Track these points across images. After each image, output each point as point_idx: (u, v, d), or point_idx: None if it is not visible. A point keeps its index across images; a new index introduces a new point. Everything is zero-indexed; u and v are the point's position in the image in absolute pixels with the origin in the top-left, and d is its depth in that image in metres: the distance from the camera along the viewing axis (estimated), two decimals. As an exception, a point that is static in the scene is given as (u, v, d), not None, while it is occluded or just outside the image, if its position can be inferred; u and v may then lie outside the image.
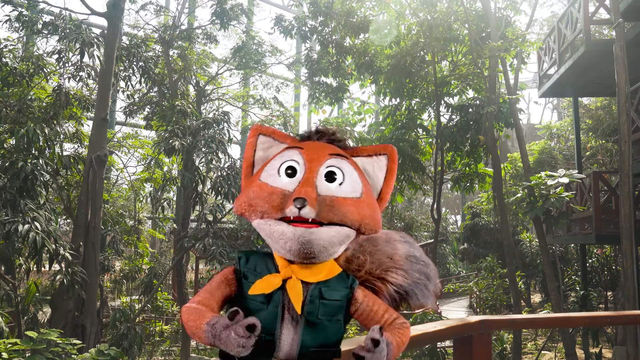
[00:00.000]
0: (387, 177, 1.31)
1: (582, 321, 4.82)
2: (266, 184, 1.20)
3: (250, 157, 1.30)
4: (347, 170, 1.23)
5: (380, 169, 1.30)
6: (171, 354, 12.66)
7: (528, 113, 36.92)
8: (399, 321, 1.23)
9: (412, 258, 1.36)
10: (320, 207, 1.14)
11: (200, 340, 1.10)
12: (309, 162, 1.21)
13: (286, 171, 1.20)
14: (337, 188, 1.19)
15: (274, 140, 1.30)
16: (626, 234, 6.88)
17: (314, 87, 12.52)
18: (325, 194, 1.16)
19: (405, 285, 1.31)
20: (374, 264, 1.32)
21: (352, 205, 1.18)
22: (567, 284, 13.52)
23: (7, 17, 9.38)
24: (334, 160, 1.23)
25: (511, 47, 10.14)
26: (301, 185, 1.16)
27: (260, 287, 1.17)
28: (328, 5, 11.34)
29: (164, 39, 12.31)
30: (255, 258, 1.25)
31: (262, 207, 1.16)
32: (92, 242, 8.51)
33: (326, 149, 1.26)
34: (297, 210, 1.12)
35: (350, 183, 1.21)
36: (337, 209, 1.15)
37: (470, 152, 11.26)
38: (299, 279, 1.18)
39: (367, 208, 1.21)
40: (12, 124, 8.52)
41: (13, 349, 5.59)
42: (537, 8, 18.27)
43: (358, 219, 1.17)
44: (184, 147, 9.17)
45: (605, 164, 14.99)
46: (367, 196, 1.24)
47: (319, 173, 1.19)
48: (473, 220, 20.16)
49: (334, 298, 1.20)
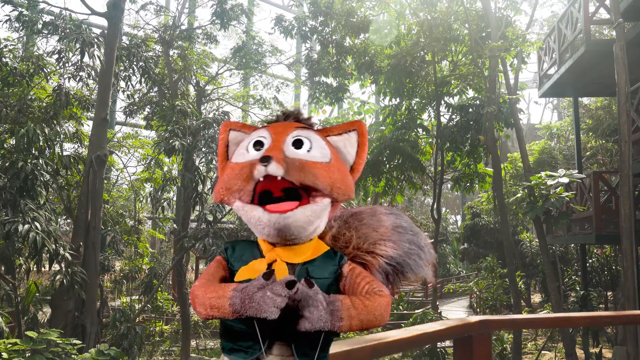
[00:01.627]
0: (359, 150, 1.31)
1: (582, 321, 4.82)
2: (237, 162, 1.21)
3: (224, 153, 1.32)
4: (313, 138, 1.24)
5: (351, 145, 1.31)
6: (171, 354, 12.66)
7: (528, 113, 36.95)
8: (375, 290, 1.16)
9: (400, 228, 1.35)
10: (289, 167, 1.14)
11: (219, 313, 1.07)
12: (276, 135, 1.22)
13: (254, 146, 1.22)
14: (305, 154, 1.19)
15: (244, 134, 1.32)
16: (626, 234, 6.88)
17: (314, 87, 12.52)
18: (294, 157, 1.17)
19: (395, 256, 1.30)
20: (360, 239, 1.31)
21: (322, 168, 1.18)
22: (567, 284, 13.53)
23: (7, 17, 9.37)
24: (300, 130, 1.24)
25: (511, 47, 10.14)
26: (267, 150, 1.17)
27: (246, 274, 1.17)
28: (328, 5, 11.34)
29: (164, 39, 12.31)
30: (241, 246, 1.26)
31: (236, 184, 1.17)
32: (92, 242, 8.51)
33: (292, 124, 1.28)
34: (263, 168, 1.12)
35: (319, 149, 1.22)
36: (307, 170, 1.15)
37: (470, 152, 11.27)
38: (283, 261, 1.18)
39: (337, 172, 1.21)
40: (12, 124, 8.52)
41: (13, 349, 5.59)
42: (537, 8, 18.29)
43: (329, 182, 1.17)
44: (184, 147, 9.17)
45: (605, 164, 14.99)
46: (337, 161, 1.24)
47: (285, 142, 1.20)
48: (473, 220, 20.16)
49: (322, 276, 1.19)
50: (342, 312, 1.05)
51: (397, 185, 12.22)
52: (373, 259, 1.29)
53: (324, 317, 1.03)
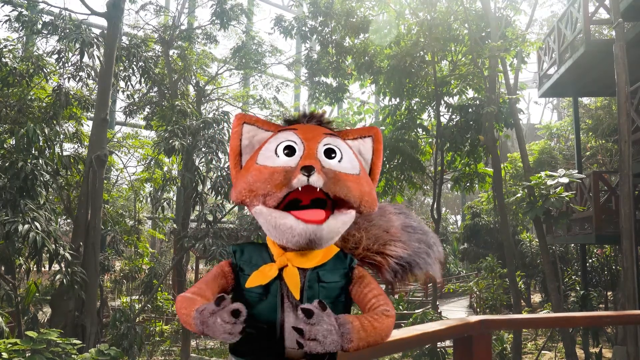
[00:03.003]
0: (374, 158, 1.31)
1: (582, 321, 4.82)
2: (265, 166, 1.17)
3: (237, 147, 1.27)
4: (343, 148, 1.23)
5: (366, 150, 1.31)
6: (171, 354, 12.65)
7: (528, 113, 36.94)
8: (381, 308, 1.17)
9: (409, 228, 1.35)
10: (327, 178, 1.12)
11: (191, 329, 1.09)
12: (307, 141, 1.19)
13: (284, 151, 1.18)
14: (337, 164, 1.18)
15: (258, 128, 1.28)
16: (626, 234, 6.88)
17: (314, 87, 12.52)
18: (328, 167, 1.15)
19: (405, 256, 1.30)
20: (370, 240, 1.31)
21: (353, 181, 1.17)
22: (567, 284, 13.53)
23: (7, 17, 9.37)
24: (330, 138, 1.22)
25: (511, 47, 10.13)
26: (304, 158, 1.14)
27: (257, 279, 1.16)
28: (328, 5, 11.34)
29: (163, 39, 12.31)
30: (249, 250, 1.24)
31: (264, 189, 1.13)
32: (92, 242, 8.52)
33: (320, 129, 1.25)
34: (305, 178, 1.09)
35: (349, 160, 1.21)
36: (342, 183, 1.14)
37: (470, 152, 11.26)
38: (295, 266, 1.17)
39: (366, 185, 1.21)
40: (12, 124, 8.52)
41: (13, 349, 5.60)
42: (537, 8, 18.28)
43: (359, 196, 1.17)
44: (184, 147, 9.17)
45: (605, 164, 14.98)
46: (364, 174, 1.24)
47: (318, 150, 1.18)
48: (473, 220, 20.16)
49: (333, 280, 1.19)
50: (352, 335, 1.05)
51: (397, 185, 12.22)
52: (383, 260, 1.29)
53: (336, 341, 1.03)
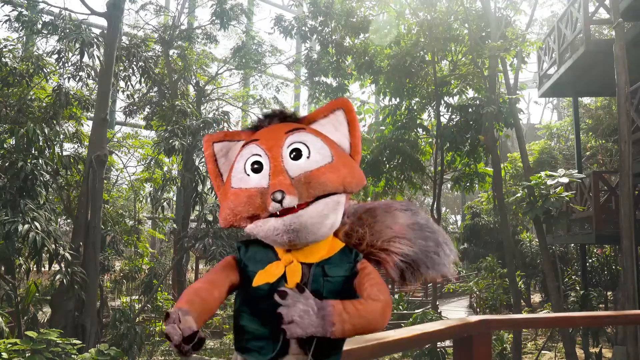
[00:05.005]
0: (351, 129, 1.28)
1: (582, 321, 4.82)
2: (240, 188, 1.18)
3: (214, 170, 1.29)
4: (309, 140, 1.21)
5: (340, 124, 1.28)
6: (171, 354, 12.64)
7: (528, 113, 36.87)
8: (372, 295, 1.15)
9: (416, 226, 1.32)
10: (299, 189, 1.12)
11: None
12: (269, 150, 1.19)
13: (252, 167, 1.18)
14: (306, 162, 1.17)
15: (229, 142, 1.29)
16: (626, 234, 6.88)
17: (314, 87, 12.52)
18: (298, 173, 1.15)
19: (410, 254, 1.27)
20: (374, 236, 1.29)
21: (327, 172, 1.16)
22: (567, 284, 13.52)
23: (7, 17, 9.37)
24: (293, 136, 1.21)
25: (511, 47, 10.13)
26: (272, 177, 1.14)
27: (263, 278, 1.17)
28: (328, 5, 11.34)
29: (163, 39, 12.31)
30: (254, 247, 1.24)
31: (247, 212, 1.15)
32: (92, 242, 8.51)
33: (281, 129, 1.23)
34: (278, 204, 1.11)
35: (317, 151, 1.19)
36: (315, 182, 1.14)
37: (470, 152, 11.25)
38: (299, 261, 1.17)
39: (343, 167, 1.20)
40: (12, 124, 8.51)
41: (13, 349, 5.60)
42: (537, 8, 18.29)
43: (339, 182, 1.16)
44: (184, 147, 9.17)
45: (605, 164, 14.97)
46: (339, 157, 1.22)
47: (283, 156, 1.17)
48: (473, 220, 20.16)
49: (338, 274, 1.19)
50: (333, 317, 1.05)
51: (397, 185, 12.21)
52: (387, 256, 1.27)
53: (315, 322, 1.03)
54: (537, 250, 15.33)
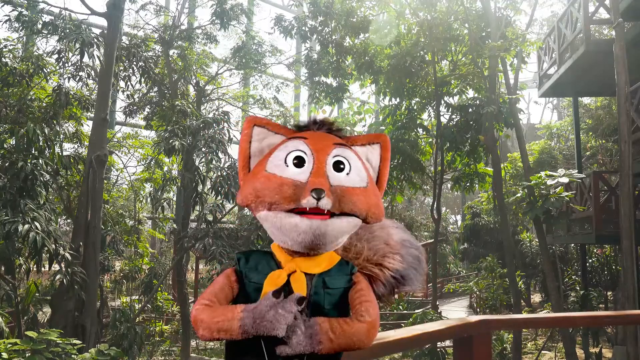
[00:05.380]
0: (382, 165, 1.32)
1: (582, 321, 4.82)
2: (274, 174, 1.17)
3: (247, 149, 1.27)
4: (352, 159, 1.23)
5: (374, 157, 1.32)
6: (171, 354, 12.65)
7: (528, 113, 36.87)
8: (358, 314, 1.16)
9: (407, 242, 1.37)
10: (334, 199, 1.14)
11: (226, 335, 1.09)
12: (316, 152, 1.19)
13: (293, 161, 1.19)
14: (345, 178, 1.18)
15: (268, 131, 1.28)
16: (626, 234, 6.88)
17: (314, 87, 12.51)
18: (335, 184, 1.16)
19: (401, 270, 1.32)
20: (371, 251, 1.32)
21: (360, 194, 1.18)
22: (567, 284, 13.53)
23: (7, 17, 9.37)
24: (339, 149, 1.23)
25: (511, 47, 10.13)
26: (314, 176, 1.15)
27: (267, 287, 1.17)
28: (328, 5, 11.34)
29: (164, 39, 12.29)
30: (255, 257, 1.24)
31: (271, 198, 1.14)
32: (92, 242, 8.51)
33: (330, 139, 1.25)
34: (315, 201, 1.11)
35: (357, 172, 1.21)
36: (347, 199, 1.15)
37: (470, 152, 11.26)
38: (302, 271, 1.18)
39: (374, 197, 1.22)
40: (12, 124, 8.51)
41: (13, 349, 5.59)
42: (537, 8, 18.29)
43: (366, 208, 1.18)
44: (184, 147, 9.17)
45: (605, 164, 14.97)
46: (372, 185, 1.24)
47: (327, 163, 1.18)
48: (473, 220, 20.16)
49: (336, 286, 1.20)
50: (320, 337, 1.07)
51: (397, 185, 12.22)
52: (380, 272, 1.30)
53: (303, 342, 1.05)
54: (537, 250, 15.34)
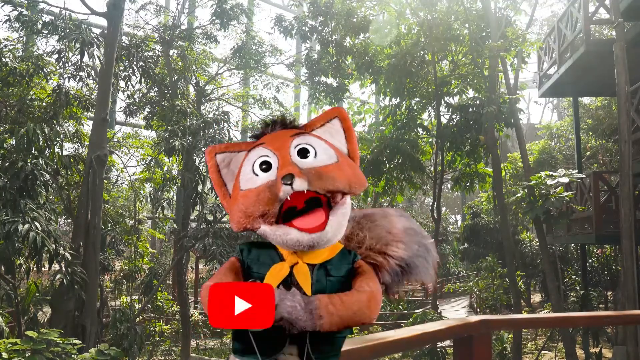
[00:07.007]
0: (347, 136, 1.33)
1: (582, 321, 4.82)
2: (249, 189, 1.20)
3: (218, 179, 1.31)
4: (315, 142, 1.25)
5: (337, 132, 1.32)
6: (171, 354, 12.65)
7: (528, 113, 36.91)
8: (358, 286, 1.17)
9: (410, 231, 1.37)
10: (310, 178, 1.15)
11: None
12: (278, 150, 1.22)
13: (261, 167, 1.21)
14: (314, 160, 1.20)
15: (230, 153, 1.32)
16: (626, 234, 6.88)
17: (314, 87, 12.51)
18: (306, 167, 1.18)
19: (406, 258, 1.31)
20: (373, 239, 1.33)
21: (335, 169, 1.19)
22: (567, 284, 13.53)
23: (7, 17, 9.36)
24: (299, 138, 1.25)
25: (511, 47, 10.14)
26: (280, 168, 1.17)
27: (270, 280, 1.18)
28: (328, 5, 11.34)
29: (164, 39, 12.29)
30: (257, 248, 1.26)
31: (257, 210, 1.16)
32: (92, 242, 8.51)
33: (286, 133, 1.28)
34: (289, 187, 1.13)
35: (323, 151, 1.23)
36: (325, 176, 1.17)
37: (470, 152, 11.26)
38: (305, 262, 1.20)
39: (349, 168, 1.23)
40: (12, 124, 8.51)
41: (13, 349, 5.59)
42: (537, 8, 18.29)
43: (346, 180, 1.19)
44: (184, 147, 9.16)
45: (605, 164, 14.97)
46: (343, 158, 1.26)
47: (291, 154, 1.20)
48: (473, 220, 20.15)
49: (339, 275, 1.22)
50: (320, 310, 1.07)
51: (397, 185, 12.22)
52: (384, 260, 1.30)
53: (303, 317, 1.06)
54: (537, 250, 15.34)
